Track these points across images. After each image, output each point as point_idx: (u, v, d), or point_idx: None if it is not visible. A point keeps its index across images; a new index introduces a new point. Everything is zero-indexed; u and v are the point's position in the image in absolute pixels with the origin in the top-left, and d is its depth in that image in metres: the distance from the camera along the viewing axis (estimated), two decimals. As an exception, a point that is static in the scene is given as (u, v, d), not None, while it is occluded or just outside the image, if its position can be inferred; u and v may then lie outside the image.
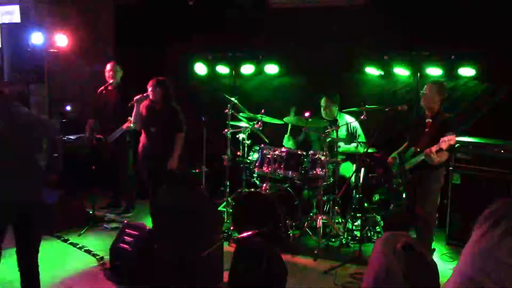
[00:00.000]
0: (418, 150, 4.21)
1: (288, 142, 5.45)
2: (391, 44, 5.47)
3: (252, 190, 5.12)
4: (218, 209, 5.43)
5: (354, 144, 5.05)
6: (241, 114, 5.51)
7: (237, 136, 5.55)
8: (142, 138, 5.22)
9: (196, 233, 3.72)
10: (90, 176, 5.45)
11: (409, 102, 4.83)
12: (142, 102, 5.08)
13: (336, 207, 5.03)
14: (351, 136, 5.25)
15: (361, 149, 4.88)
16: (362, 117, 4.82)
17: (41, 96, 6.22)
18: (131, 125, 5.25)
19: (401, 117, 5.08)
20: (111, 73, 5.59)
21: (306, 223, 5.00)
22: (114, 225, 5.34)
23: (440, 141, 3.94)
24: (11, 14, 6.18)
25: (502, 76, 5.05)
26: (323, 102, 5.35)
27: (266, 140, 5.49)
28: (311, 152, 5.00)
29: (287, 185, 5.20)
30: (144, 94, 5.03)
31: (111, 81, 5.58)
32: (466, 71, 5.13)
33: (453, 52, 5.15)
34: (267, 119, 5.40)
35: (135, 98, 5.03)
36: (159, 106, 5.06)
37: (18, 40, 5.26)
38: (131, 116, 5.18)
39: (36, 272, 3.39)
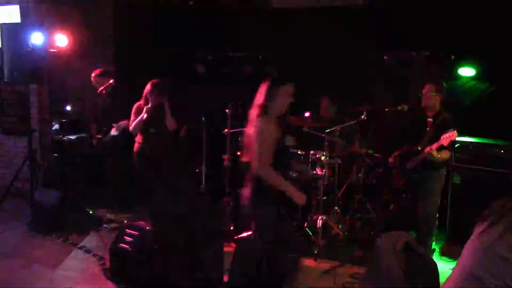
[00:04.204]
0: (420, 149, 4.22)
1: None
2: (391, 44, 5.47)
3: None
4: (218, 209, 5.42)
5: None
6: (241, 114, 5.51)
7: (237, 136, 5.55)
8: (140, 139, 5.20)
9: (195, 234, 3.72)
10: (90, 176, 5.44)
11: (408, 102, 4.82)
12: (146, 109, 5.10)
13: (336, 207, 5.02)
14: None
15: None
16: (362, 117, 4.82)
17: (41, 96, 6.22)
18: (116, 132, 5.36)
19: (401, 117, 5.08)
20: (97, 84, 5.59)
21: (306, 223, 5.00)
22: (114, 225, 5.34)
23: (441, 137, 3.94)
24: (11, 14, 6.16)
25: (502, 76, 5.04)
26: (322, 102, 5.35)
27: None
28: (311, 152, 5.00)
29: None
30: (150, 105, 5.01)
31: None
32: (466, 71, 5.13)
33: (453, 52, 5.15)
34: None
35: (146, 108, 4.99)
36: (156, 106, 5.08)
37: (18, 40, 5.25)
38: (128, 119, 5.17)
39: None
